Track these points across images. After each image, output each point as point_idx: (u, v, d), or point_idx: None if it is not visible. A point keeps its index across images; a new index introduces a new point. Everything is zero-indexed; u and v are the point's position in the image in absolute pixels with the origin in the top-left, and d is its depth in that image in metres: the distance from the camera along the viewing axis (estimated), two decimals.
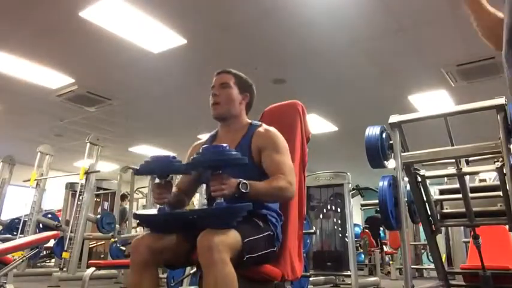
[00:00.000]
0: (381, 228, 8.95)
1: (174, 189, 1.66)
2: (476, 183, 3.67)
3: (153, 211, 1.53)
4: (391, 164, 2.95)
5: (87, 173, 5.46)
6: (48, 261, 7.48)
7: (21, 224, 5.60)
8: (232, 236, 1.34)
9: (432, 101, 5.71)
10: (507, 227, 2.96)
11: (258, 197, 1.45)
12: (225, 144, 1.39)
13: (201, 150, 1.39)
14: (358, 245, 7.81)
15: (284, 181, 1.51)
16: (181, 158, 1.65)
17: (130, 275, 1.42)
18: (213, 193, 1.35)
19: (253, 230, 1.47)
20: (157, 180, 1.48)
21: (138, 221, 1.69)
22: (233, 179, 1.38)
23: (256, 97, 1.84)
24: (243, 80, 1.77)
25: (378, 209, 2.86)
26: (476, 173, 3.46)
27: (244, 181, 1.40)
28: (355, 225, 7.37)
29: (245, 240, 1.38)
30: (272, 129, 1.69)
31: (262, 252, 1.48)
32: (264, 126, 1.71)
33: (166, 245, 1.44)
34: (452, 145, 2.83)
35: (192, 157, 1.42)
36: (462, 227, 4.52)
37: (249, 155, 1.57)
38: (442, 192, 3.26)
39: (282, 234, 1.64)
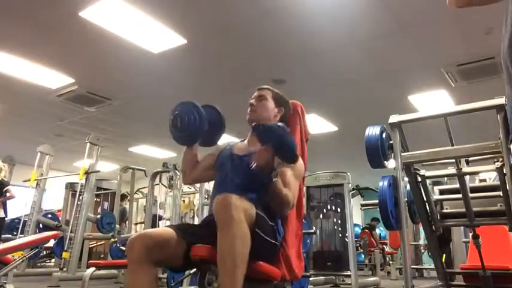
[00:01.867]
0: (381, 228, 8.97)
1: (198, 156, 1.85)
2: (476, 183, 3.66)
3: None
4: (391, 164, 2.95)
5: (87, 173, 5.47)
6: (48, 261, 7.49)
7: (21, 224, 5.61)
8: (247, 202, 1.38)
9: (432, 101, 5.71)
10: (507, 227, 2.95)
11: (276, 189, 1.50)
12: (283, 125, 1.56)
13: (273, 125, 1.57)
14: (358, 245, 7.82)
15: (291, 195, 1.56)
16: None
17: (127, 273, 1.42)
18: (256, 158, 1.45)
19: (262, 211, 1.49)
20: None
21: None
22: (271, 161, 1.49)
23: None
24: (280, 96, 1.88)
25: (378, 209, 2.86)
26: (476, 173, 3.45)
27: (276, 171, 1.49)
28: (355, 225, 7.37)
29: (257, 212, 1.42)
30: None
31: (269, 239, 1.49)
32: None
33: (162, 243, 1.41)
34: (452, 145, 2.83)
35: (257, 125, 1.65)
36: (462, 227, 4.52)
37: None
38: (442, 192, 3.26)
39: (282, 234, 1.65)
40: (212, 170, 1.83)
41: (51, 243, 5.59)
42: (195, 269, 2.80)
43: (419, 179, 2.98)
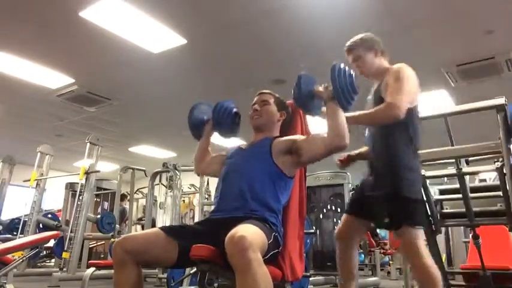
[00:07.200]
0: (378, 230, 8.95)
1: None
2: (476, 183, 3.66)
3: None
4: None
5: (87, 173, 5.46)
6: (48, 261, 7.47)
7: (21, 224, 5.60)
8: (259, 231, 1.40)
9: (432, 101, 5.70)
10: (507, 227, 2.95)
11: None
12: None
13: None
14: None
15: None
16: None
17: (113, 274, 1.51)
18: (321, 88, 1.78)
19: (269, 233, 1.50)
20: None
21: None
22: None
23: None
24: (281, 100, 1.94)
25: None
26: (476, 173, 3.45)
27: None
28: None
29: (269, 242, 1.45)
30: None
31: (271, 253, 1.49)
32: None
33: (144, 246, 1.48)
34: (452, 145, 2.82)
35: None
36: (462, 227, 4.51)
37: (269, 153, 1.73)
38: (442, 192, 3.25)
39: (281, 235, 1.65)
40: (220, 165, 1.88)
41: (51, 243, 5.57)
42: (195, 269, 2.81)
43: None
